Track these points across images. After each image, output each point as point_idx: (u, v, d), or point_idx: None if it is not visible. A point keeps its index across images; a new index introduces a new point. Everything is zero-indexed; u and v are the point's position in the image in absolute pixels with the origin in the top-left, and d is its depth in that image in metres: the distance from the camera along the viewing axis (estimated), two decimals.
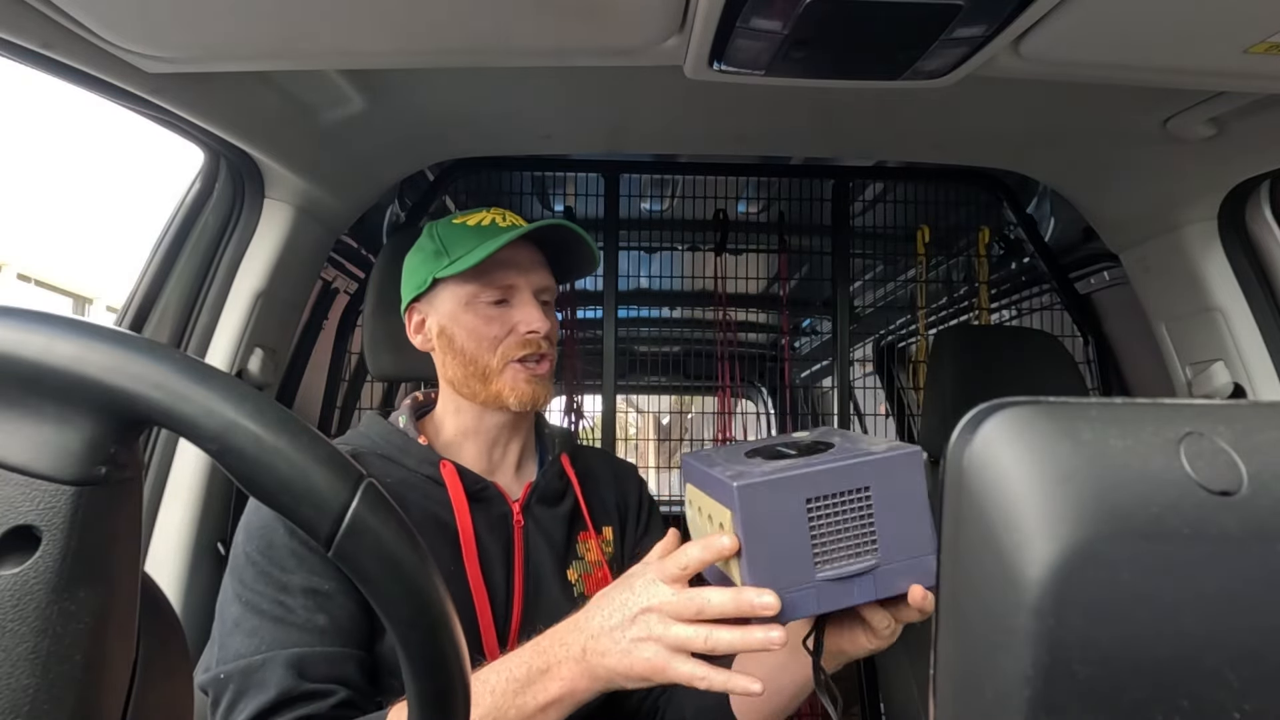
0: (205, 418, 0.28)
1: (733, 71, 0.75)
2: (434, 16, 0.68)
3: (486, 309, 0.83)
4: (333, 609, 0.71)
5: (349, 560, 0.30)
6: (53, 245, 9.82)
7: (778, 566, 0.56)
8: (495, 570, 0.81)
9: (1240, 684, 0.20)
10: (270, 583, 0.71)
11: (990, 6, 0.63)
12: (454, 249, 0.83)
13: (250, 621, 0.70)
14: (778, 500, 0.55)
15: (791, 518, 0.55)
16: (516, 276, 0.84)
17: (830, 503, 0.56)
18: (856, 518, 0.57)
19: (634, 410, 3.62)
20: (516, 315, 0.83)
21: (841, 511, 0.56)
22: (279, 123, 1.04)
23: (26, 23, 0.69)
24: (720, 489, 0.58)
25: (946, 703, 0.22)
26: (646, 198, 1.89)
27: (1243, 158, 1.04)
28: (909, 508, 0.57)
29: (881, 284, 2.25)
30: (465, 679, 0.34)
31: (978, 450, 0.22)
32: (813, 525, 0.56)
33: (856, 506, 0.56)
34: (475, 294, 0.83)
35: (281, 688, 0.67)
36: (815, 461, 0.57)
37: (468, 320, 0.83)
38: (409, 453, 0.83)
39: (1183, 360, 1.24)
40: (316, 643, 0.70)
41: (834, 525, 0.56)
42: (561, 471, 0.90)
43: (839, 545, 0.56)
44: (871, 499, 0.56)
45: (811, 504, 0.55)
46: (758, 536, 0.55)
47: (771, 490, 0.55)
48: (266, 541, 0.73)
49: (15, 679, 0.26)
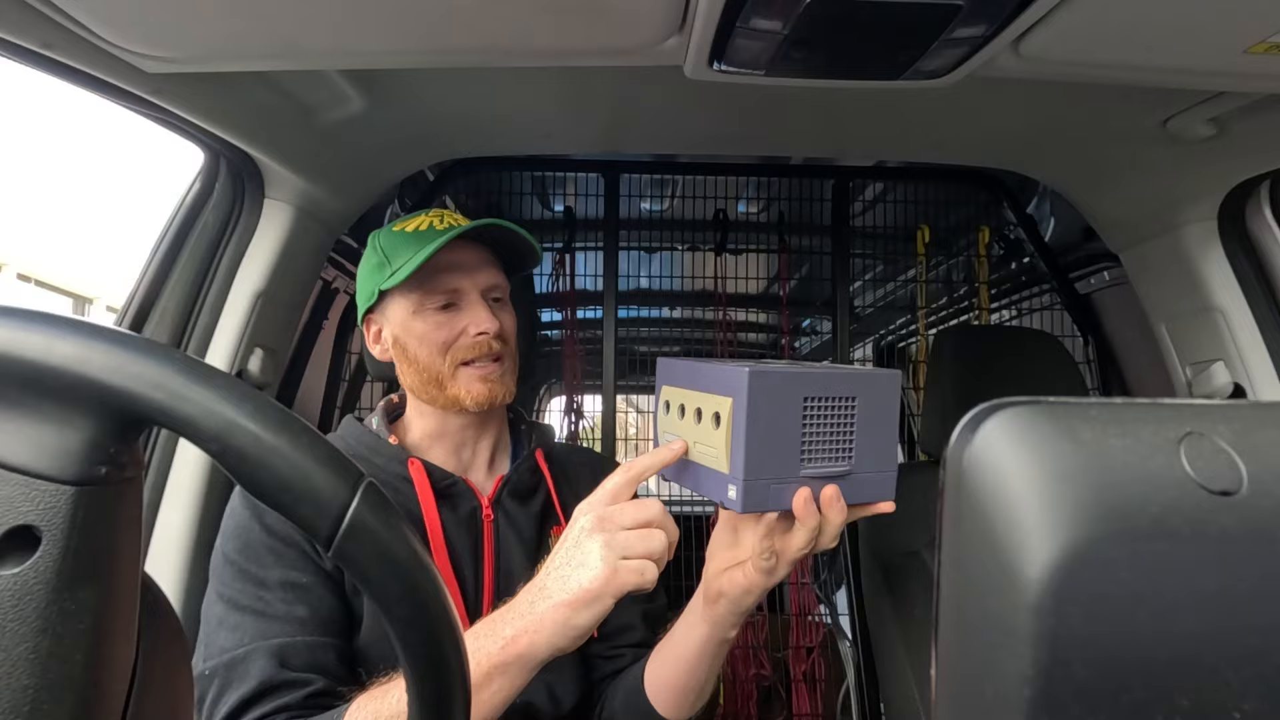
0: (205, 418, 0.28)
1: (733, 71, 0.75)
2: (434, 16, 0.68)
3: (434, 315, 0.83)
4: (312, 600, 0.73)
5: (349, 560, 0.30)
6: (53, 245, 9.82)
7: (769, 456, 0.60)
8: (464, 565, 0.82)
9: (1240, 684, 0.20)
10: (249, 579, 0.73)
11: (990, 6, 0.63)
12: (395, 258, 0.83)
13: (232, 618, 0.71)
14: (782, 392, 0.60)
15: (789, 412, 0.60)
16: (460, 279, 0.84)
17: (823, 404, 0.61)
18: (841, 423, 0.62)
19: (634, 410, 3.61)
20: (465, 318, 0.83)
21: (831, 414, 0.62)
22: (279, 123, 1.04)
23: (26, 23, 0.69)
24: (723, 379, 0.61)
25: (946, 703, 0.22)
26: (646, 198, 1.89)
27: (1243, 158, 1.04)
28: (884, 423, 0.64)
29: (881, 284, 2.25)
30: (465, 678, 0.34)
31: (978, 450, 0.22)
32: (805, 422, 0.61)
33: (843, 412, 0.62)
34: (421, 301, 0.83)
35: (263, 677, 0.68)
36: (811, 368, 0.63)
37: (417, 327, 0.84)
38: (380, 452, 0.84)
39: (1183, 360, 1.24)
40: (297, 632, 0.71)
41: (822, 426, 0.62)
42: (535, 466, 0.90)
43: (823, 446, 0.62)
44: (855, 408, 0.62)
45: (807, 402, 0.60)
46: (758, 424, 0.59)
47: (779, 381, 0.60)
48: (243, 542, 0.75)
49: (15, 679, 0.26)
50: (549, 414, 3.81)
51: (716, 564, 0.70)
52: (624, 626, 0.89)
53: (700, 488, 0.66)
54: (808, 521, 0.61)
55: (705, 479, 0.65)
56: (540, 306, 2.13)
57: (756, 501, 0.60)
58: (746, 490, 0.60)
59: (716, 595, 0.69)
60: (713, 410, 0.62)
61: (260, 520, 0.75)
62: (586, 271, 1.87)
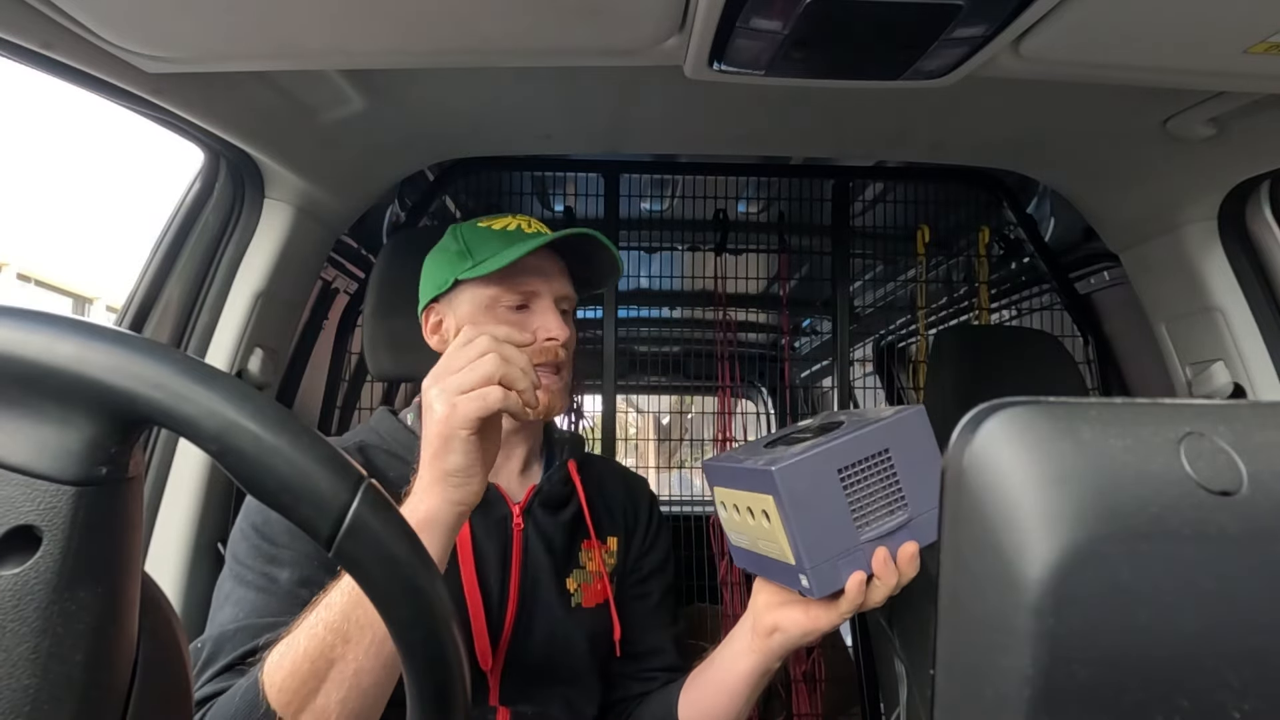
0: (206, 418, 0.28)
1: (733, 71, 0.75)
2: (434, 16, 0.68)
3: (507, 314, 0.82)
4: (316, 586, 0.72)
5: (349, 560, 0.30)
6: (53, 245, 9.82)
7: (826, 537, 0.60)
8: (490, 572, 0.81)
9: (1240, 684, 0.20)
10: (260, 555, 0.73)
11: (990, 6, 0.63)
12: (478, 251, 0.82)
13: (237, 593, 0.71)
14: (813, 475, 0.60)
15: (829, 489, 0.60)
16: (540, 283, 0.83)
17: (859, 469, 0.61)
18: (884, 478, 0.62)
19: (634, 410, 3.61)
20: (536, 321, 0.82)
21: (870, 476, 0.62)
22: (279, 123, 1.04)
23: (26, 23, 0.69)
24: (756, 479, 0.62)
25: (946, 703, 0.22)
26: (646, 198, 1.89)
27: (1243, 158, 1.04)
28: (926, 461, 0.63)
29: (881, 284, 2.25)
30: (464, 678, 0.34)
31: (978, 450, 0.22)
32: (848, 493, 0.61)
33: (882, 468, 0.62)
34: (497, 297, 0.82)
35: (243, 650, 0.67)
36: (835, 436, 0.62)
37: (487, 324, 0.82)
38: (414, 450, 0.83)
39: (1183, 360, 1.24)
40: (297, 613, 0.70)
41: (867, 489, 0.61)
42: (567, 477, 0.89)
43: (875, 506, 0.62)
44: (892, 459, 0.62)
45: (843, 472, 0.60)
46: (803, 511, 0.59)
47: (806, 467, 0.59)
48: (265, 516, 0.74)
49: (16, 679, 0.26)
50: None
51: (766, 597, 0.70)
52: (655, 649, 0.90)
53: (777, 579, 0.67)
54: (889, 580, 0.61)
55: (778, 571, 0.65)
56: None
57: (830, 582, 0.61)
58: (815, 576, 0.61)
59: (770, 629, 0.68)
60: (760, 508, 0.63)
61: None
62: None
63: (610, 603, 0.86)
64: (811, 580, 0.61)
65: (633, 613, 0.89)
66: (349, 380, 1.69)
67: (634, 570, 0.92)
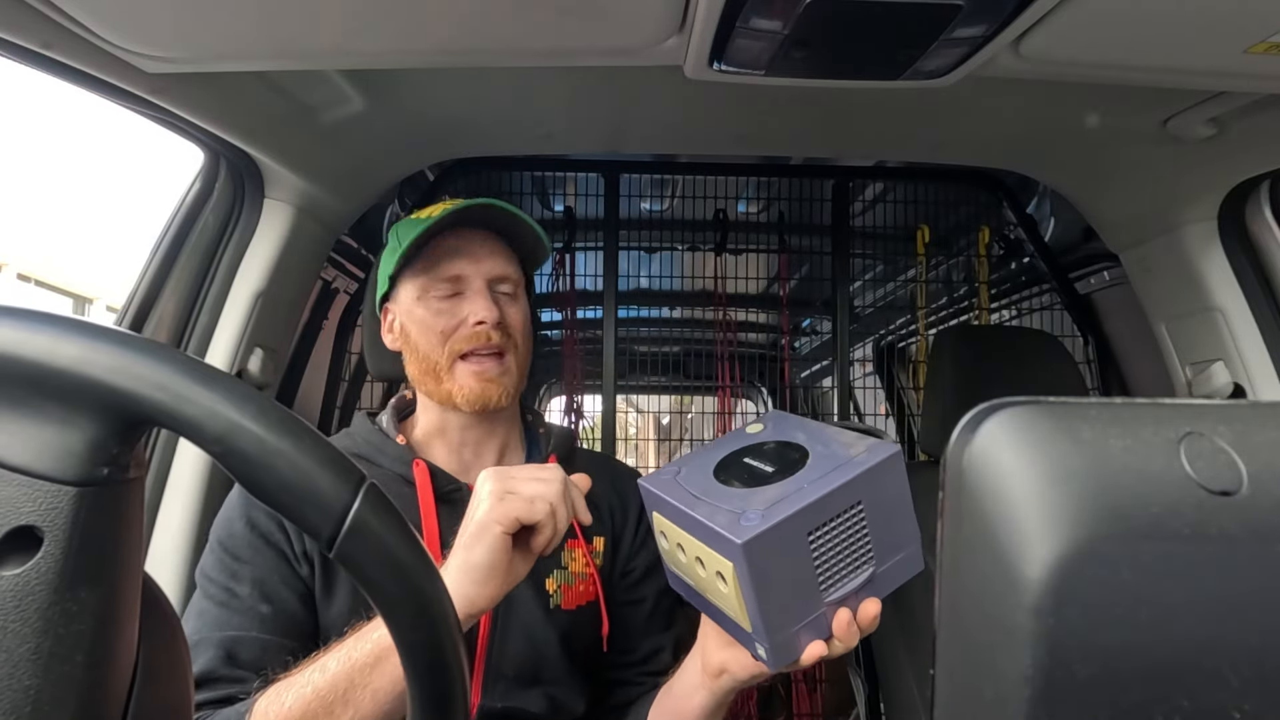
0: (208, 419, 0.28)
1: (733, 71, 0.75)
2: (434, 16, 0.68)
3: (437, 302, 0.81)
4: (277, 600, 0.73)
5: (351, 561, 0.30)
6: (53, 245, 9.82)
7: (789, 604, 0.54)
8: None
9: (1240, 684, 0.20)
10: (224, 570, 0.73)
11: (990, 6, 0.63)
12: (404, 242, 0.81)
13: (199, 604, 0.72)
14: (781, 542, 0.53)
15: (796, 555, 0.53)
16: (465, 265, 0.81)
17: (829, 528, 0.54)
18: (853, 534, 0.55)
19: (634, 410, 3.61)
20: (466, 307, 0.81)
21: (840, 533, 0.55)
22: (279, 123, 1.04)
23: (26, 23, 0.69)
24: (715, 539, 0.54)
25: (946, 703, 0.22)
26: (646, 198, 1.89)
27: (1243, 158, 1.04)
28: (896, 508, 0.57)
29: (881, 284, 2.25)
30: (465, 681, 0.34)
31: (978, 450, 0.22)
32: (816, 556, 0.54)
33: (852, 523, 0.55)
34: (426, 287, 0.81)
35: (203, 669, 0.67)
36: (806, 488, 0.54)
37: (419, 314, 0.82)
38: (385, 452, 0.82)
39: (1183, 360, 1.24)
40: (255, 628, 0.71)
41: (834, 548, 0.55)
42: None
43: (841, 565, 0.55)
44: (864, 512, 0.55)
45: (813, 534, 0.54)
46: (766, 584, 0.53)
47: (774, 535, 0.52)
48: (228, 531, 0.75)
49: (17, 679, 0.26)
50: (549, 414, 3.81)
51: (715, 637, 0.66)
52: (655, 651, 0.88)
53: (727, 630, 0.61)
54: (850, 642, 0.57)
55: (729, 625, 0.60)
56: (540, 306, 2.13)
57: (788, 654, 0.56)
58: (774, 649, 0.55)
59: (718, 670, 0.65)
60: (715, 568, 0.55)
61: (247, 514, 0.75)
62: (586, 271, 1.87)
63: (600, 600, 0.84)
64: (769, 654, 0.55)
65: (628, 616, 0.87)
66: (349, 380, 1.69)
67: (626, 573, 0.89)
